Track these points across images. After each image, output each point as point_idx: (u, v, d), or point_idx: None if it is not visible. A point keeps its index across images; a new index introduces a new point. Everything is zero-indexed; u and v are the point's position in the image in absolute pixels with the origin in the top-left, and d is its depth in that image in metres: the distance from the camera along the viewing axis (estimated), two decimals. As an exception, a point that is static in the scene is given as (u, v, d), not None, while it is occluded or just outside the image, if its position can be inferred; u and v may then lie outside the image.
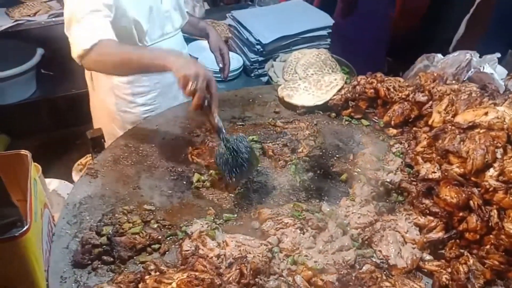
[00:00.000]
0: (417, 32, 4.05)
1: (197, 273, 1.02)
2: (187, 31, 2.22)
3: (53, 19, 2.92)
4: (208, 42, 2.21)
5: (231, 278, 1.04)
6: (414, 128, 1.72)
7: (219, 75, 2.20)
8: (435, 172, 1.40)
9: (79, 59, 1.52)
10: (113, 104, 1.96)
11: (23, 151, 1.38)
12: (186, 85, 1.35)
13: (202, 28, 2.23)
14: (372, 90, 1.81)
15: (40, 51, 2.90)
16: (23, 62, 2.80)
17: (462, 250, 1.28)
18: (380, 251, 1.30)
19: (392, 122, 1.77)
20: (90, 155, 1.71)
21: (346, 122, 1.86)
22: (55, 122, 3.17)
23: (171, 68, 1.40)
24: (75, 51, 1.51)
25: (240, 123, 1.83)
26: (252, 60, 2.61)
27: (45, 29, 2.89)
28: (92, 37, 1.48)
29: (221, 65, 2.19)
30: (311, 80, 1.98)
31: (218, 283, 1.01)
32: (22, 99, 2.92)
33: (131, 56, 1.50)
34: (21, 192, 1.35)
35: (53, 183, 2.22)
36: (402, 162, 1.58)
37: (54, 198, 2.07)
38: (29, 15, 2.88)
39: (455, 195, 1.30)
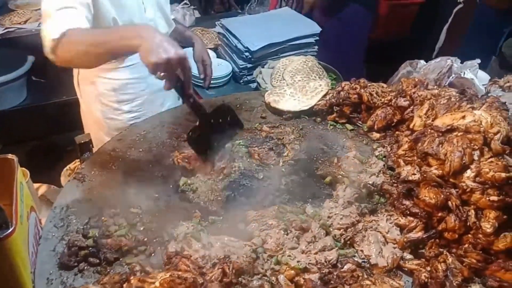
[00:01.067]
0: (405, 39, 4.15)
1: (180, 273, 1.04)
2: (173, 39, 2.24)
3: (44, 26, 2.95)
4: (193, 51, 2.22)
5: (213, 277, 1.06)
6: (397, 132, 1.76)
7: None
8: (415, 174, 1.44)
9: (51, 54, 1.40)
10: (99, 111, 1.97)
11: (9, 155, 1.38)
12: (154, 73, 1.28)
13: (188, 37, 2.24)
14: (355, 96, 1.85)
15: (31, 59, 2.91)
16: (14, 69, 2.80)
17: (441, 249, 1.31)
18: (361, 250, 1.33)
19: (375, 127, 1.80)
20: (79, 160, 1.73)
21: (331, 127, 1.90)
22: (46, 129, 3.17)
23: (139, 52, 1.28)
24: (46, 45, 1.40)
25: (228, 128, 1.86)
26: (241, 66, 2.65)
27: (35, 37, 2.86)
28: (61, 28, 1.37)
29: (202, 76, 2.19)
30: (297, 86, 2.02)
31: (200, 282, 1.03)
32: (13, 105, 2.91)
33: (97, 39, 1.36)
34: (8, 197, 1.35)
35: (41, 188, 2.22)
36: (384, 165, 1.61)
37: (43, 202, 2.08)
38: (19, 23, 2.92)
39: (434, 196, 1.33)
